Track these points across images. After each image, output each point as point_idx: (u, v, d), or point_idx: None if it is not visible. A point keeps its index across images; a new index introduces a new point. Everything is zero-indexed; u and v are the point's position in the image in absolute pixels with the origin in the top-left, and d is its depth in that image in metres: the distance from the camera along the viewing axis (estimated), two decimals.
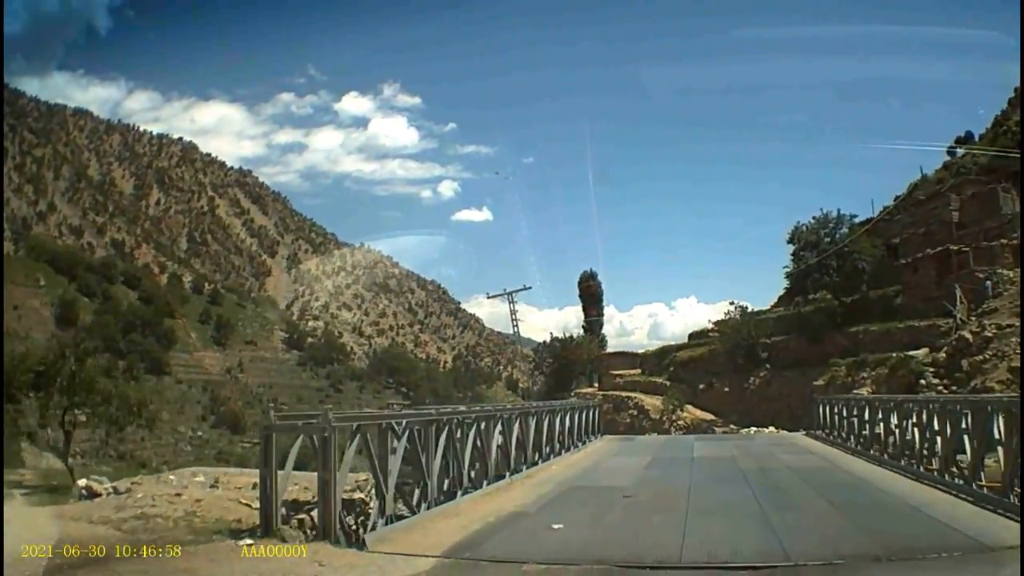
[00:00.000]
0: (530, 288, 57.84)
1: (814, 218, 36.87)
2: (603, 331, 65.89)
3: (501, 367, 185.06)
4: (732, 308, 40.51)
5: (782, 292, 41.23)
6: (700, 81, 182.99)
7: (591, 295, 65.79)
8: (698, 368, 43.42)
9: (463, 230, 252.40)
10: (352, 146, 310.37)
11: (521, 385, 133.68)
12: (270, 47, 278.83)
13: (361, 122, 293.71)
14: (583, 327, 65.58)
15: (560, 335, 62.73)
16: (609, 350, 61.35)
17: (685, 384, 43.76)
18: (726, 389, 39.61)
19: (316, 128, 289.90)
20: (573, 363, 59.39)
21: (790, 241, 36.99)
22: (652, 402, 44.41)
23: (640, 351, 55.44)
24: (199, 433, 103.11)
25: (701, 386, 41.91)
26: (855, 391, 28.42)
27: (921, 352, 29.14)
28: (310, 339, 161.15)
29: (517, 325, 58.16)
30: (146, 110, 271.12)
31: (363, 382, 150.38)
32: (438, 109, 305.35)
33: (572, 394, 56.56)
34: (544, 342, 66.32)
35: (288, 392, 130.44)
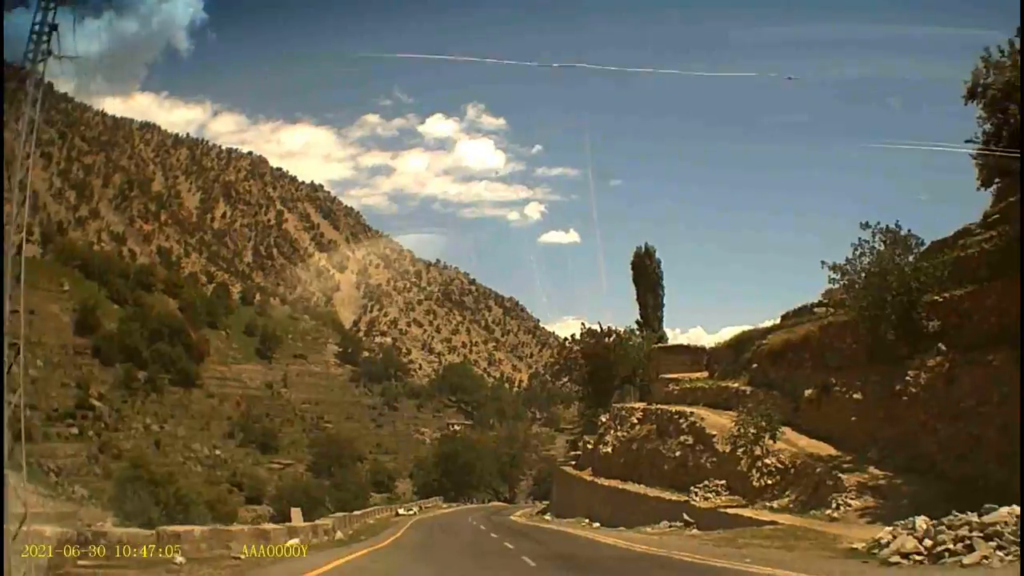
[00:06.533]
0: None
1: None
2: (663, 326, 47.58)
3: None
4: (873, 235, 20.45)
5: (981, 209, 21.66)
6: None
7: (646, 277, 47.79)
8: (802, 362, 24.94)
9: (550, 252, 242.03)
10: (438, 168, 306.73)
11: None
12: (355, 70, 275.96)
13: (447, 144, 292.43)
14: (637, 321, 47.67)
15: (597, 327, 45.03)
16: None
17: (779, 391, 25.54)
18: (857, 395, 20.98)
19: (403, 151, 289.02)
20: (614, 365, 41.62)
21: (971, 94, 17.75)
22: (720, 422, 26.31)
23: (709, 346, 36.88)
24: (216, 452, 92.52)
25: (808, 392, 23.53)
26: None
27: None
28: (366, 353, 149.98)
29: None
30: (232, 132, 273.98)
31: (421, 400, 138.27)
32: (523, 131, 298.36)
33: (608, 410, 39.01)
34: (572, 336, 48.62)
35: (336, 409, 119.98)
